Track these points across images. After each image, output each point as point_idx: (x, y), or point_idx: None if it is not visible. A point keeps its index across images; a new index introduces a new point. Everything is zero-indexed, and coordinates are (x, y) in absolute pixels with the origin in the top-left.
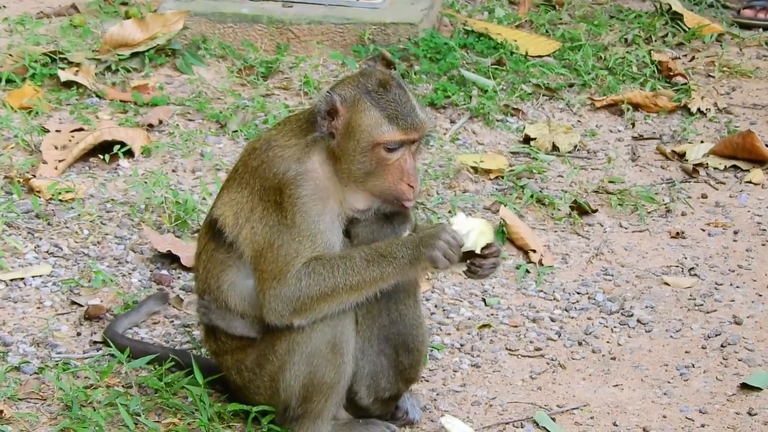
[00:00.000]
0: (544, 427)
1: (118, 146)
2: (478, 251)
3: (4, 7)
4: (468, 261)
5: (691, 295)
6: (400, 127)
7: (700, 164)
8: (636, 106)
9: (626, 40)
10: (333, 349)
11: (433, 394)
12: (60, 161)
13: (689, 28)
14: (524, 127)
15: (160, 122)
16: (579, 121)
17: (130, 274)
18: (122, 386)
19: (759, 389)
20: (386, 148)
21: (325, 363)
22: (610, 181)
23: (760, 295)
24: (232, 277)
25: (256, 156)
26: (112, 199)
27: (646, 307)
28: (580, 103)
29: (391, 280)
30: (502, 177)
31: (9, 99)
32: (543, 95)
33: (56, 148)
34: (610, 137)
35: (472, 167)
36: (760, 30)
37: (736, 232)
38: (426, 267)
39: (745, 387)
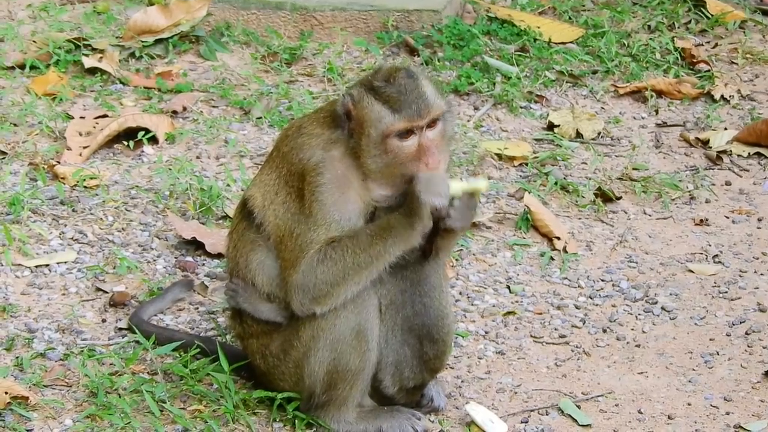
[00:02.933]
0: (569, 415)
1: (142, 133)
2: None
3: None
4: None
5: (715, 283)
6: (405, 115)
7: (724, 151)
8: (659, 93)
9: (649, 26)
10: (357, 336)
11: (458, 382)
12: (84, 148)
13: (712, 15)
14: (548, 114)
15: (184, 109)
16: (602, 108)
17: (154, 260)
18: (147, 373)
19: None
20: (397, 137)
21: (350, 350)
22: (634, 168)
23: None
24: (261, 257)
25: (287, 141)
26: (137, 186)
27: (671, 294)
28: (604, 89)
29: (395, 249)
30: (526, 164)
31: (33, 85)
32: (566, 82)
33: (80, 134)
34: (633, 124)
35: (496, 154)
36: None
37: (760, 219)
38: (425, 222)
39: None
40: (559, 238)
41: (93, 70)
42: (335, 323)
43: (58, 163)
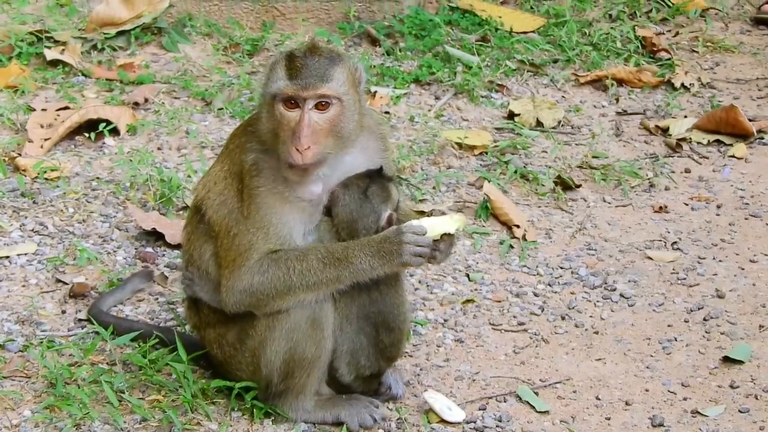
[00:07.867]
0: (527, 402)
1: (103, 124)
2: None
3: None
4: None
5: (674, 269)
6: (292, 81)
7: (684, 139)
8: (620, 82)
9: (610, 15)
10: (313, 325)
11: (416, 369)
12: (46, 140)
13: (673, 4)
14: (509, 103)
15: (146, 100)
16: (563, 96)
17: (114, 252)
18: (106, 363)
19: (741, 362)
20: (283, 103)
21: (306, 339)
22: (593, 156)
23: (743, 269)
24: (214, 248)
25: (234, 138)
26: (98, 178)
27: (629, 281)
28: (565, 78)
29: (347, 282)
30: (487, 153)
31: None
32: (527, 71)
33: (42, 126)
34: (594, 113)
35: (457, 143)
36: None
37: (719, 206)
38: (396, 270)
39: (727, 360)
40: (518, 226)
41: (55, 63)
42: (290, 313)
43: (20, 155)
